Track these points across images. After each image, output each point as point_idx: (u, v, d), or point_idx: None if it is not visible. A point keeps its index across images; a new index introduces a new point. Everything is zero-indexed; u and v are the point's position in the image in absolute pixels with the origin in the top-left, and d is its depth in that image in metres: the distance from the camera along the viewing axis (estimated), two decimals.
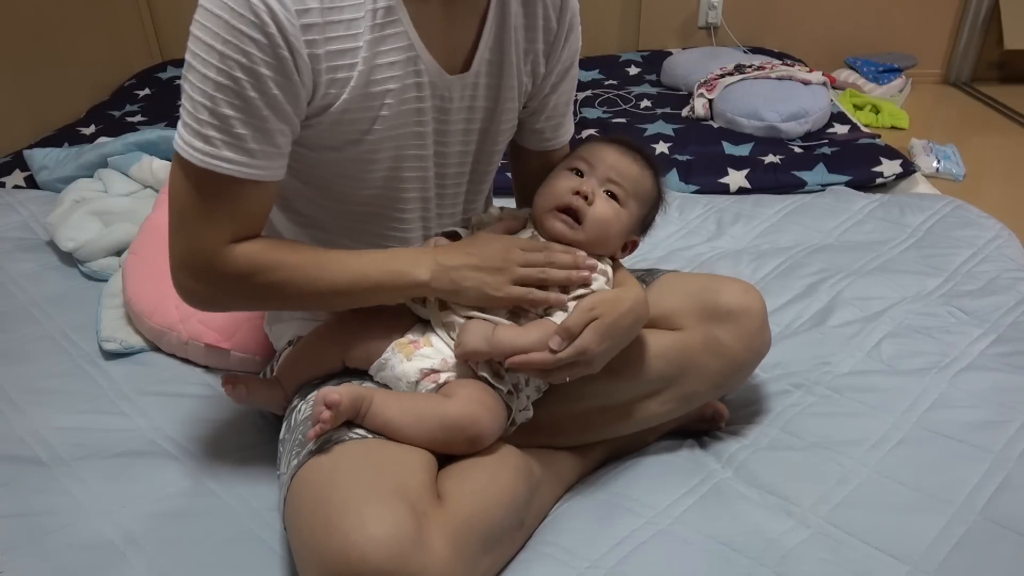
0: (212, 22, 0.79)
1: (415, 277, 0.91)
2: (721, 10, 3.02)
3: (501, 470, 0.92)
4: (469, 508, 0.85)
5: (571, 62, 1.06)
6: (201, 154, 0.83)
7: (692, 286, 1.06)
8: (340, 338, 0.99)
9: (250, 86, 0.80)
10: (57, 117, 2.40)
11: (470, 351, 0.91)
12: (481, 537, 0.84)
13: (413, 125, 0.92)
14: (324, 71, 0.83)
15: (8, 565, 0.93)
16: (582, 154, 1.02)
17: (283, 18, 0.78)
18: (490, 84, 0.97)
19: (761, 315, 1.04)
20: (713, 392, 1.07)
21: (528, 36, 0.99)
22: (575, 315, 0.91)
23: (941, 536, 0.94)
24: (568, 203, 0.97)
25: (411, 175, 0.96)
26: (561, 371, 0.91)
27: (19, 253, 1.63)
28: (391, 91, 0.88)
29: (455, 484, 0.88)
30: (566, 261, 0.95)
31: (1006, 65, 3.17)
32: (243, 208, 0.87)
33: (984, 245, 1.61)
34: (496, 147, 1.04)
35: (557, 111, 1.08)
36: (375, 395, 0.90)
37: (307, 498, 0.82)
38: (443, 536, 0.79)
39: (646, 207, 1.04)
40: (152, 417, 1.19)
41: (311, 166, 0.93)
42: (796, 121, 2.23)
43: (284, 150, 0.87)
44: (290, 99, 0.83)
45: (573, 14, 1.02)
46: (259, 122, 0.82)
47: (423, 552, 0.76)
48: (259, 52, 0.79)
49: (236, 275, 0.88)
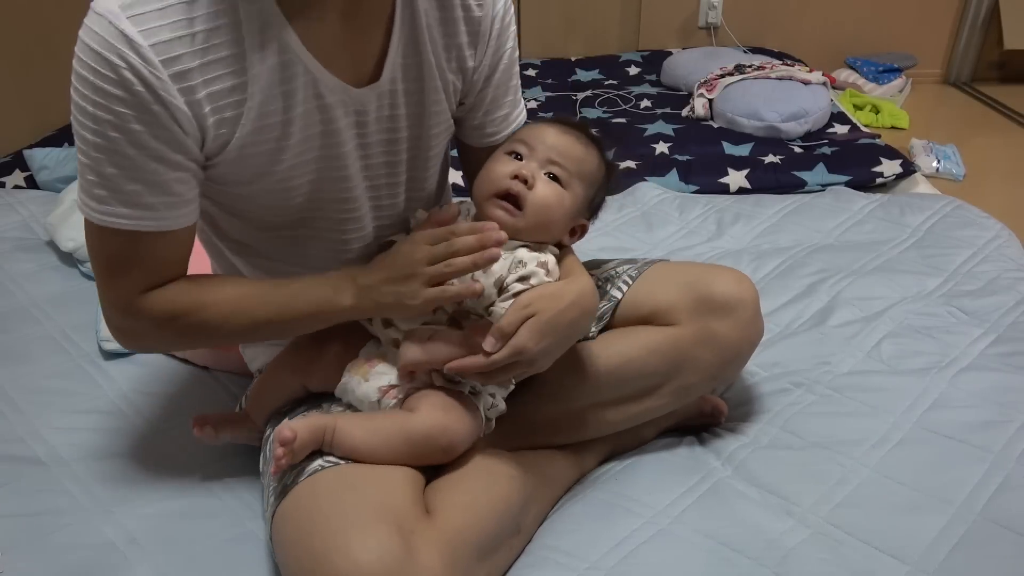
0: (81, 83, 0.77)
1: (338, 304, 0.89)
2: (721, 10, 3.02)
3: (493, 479, 0.91)
4: (460, 519, 0.84)
5: (504, 50, 0.98)
6: (99, 213, 0.81)
7: (684, 278, 1.04)
8: (297, 365, 0.98)
9: (127, 143, 0.77)
10: (57, 117, 2.39)
11: (408, 362, 0.89)
12: (475, 547, 0.84)
13: (324, 148, 0.88)
14: (208, 114, 0.79)
15: (8, 565, 0.93)
16: (521, 136, 0.97)
17: (146, 73, 0.75)
18: (410, 89, 0.92)
19: (754, 304, 1.03)
20: (709, 384, 1.06)
21: (446, 31, 0.92)
22: (509, 313, 0.86)
23: (941, 536, 0.94)
24: (507, 188, 0.91)
25: (340, 195, 0.92)
26: (502, 372, 0.87)
27: (19, 253, 1.63)
28: (291, 119, 0.84)
29: (445, 496, 0.87)
30: (469, 244, 0.86)
31: (1006, 65, 3.17)
32: (153, 258, 0.85)
33: (984, 245, 1.61)
34: (430, 152, 0.98)
35: (496, 104, 1.01)
36: (337, 422, 0.87)
37: (290, 534, 0.82)
38: (434, 550, 0.78)
39: (592, 188, 0.98)
40: (152, 417, 1.19)
41: (230, 199, 0.90)
42: (796, 121, 2.23)
43: (187, 196, 0.84)
44: (175, 148, 0.80)
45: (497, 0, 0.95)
46: (148, 175, 0.80)
47: (413, 569, 0.75)
48: (128, 110, 0.76)
49: (157, 320, 0.87)
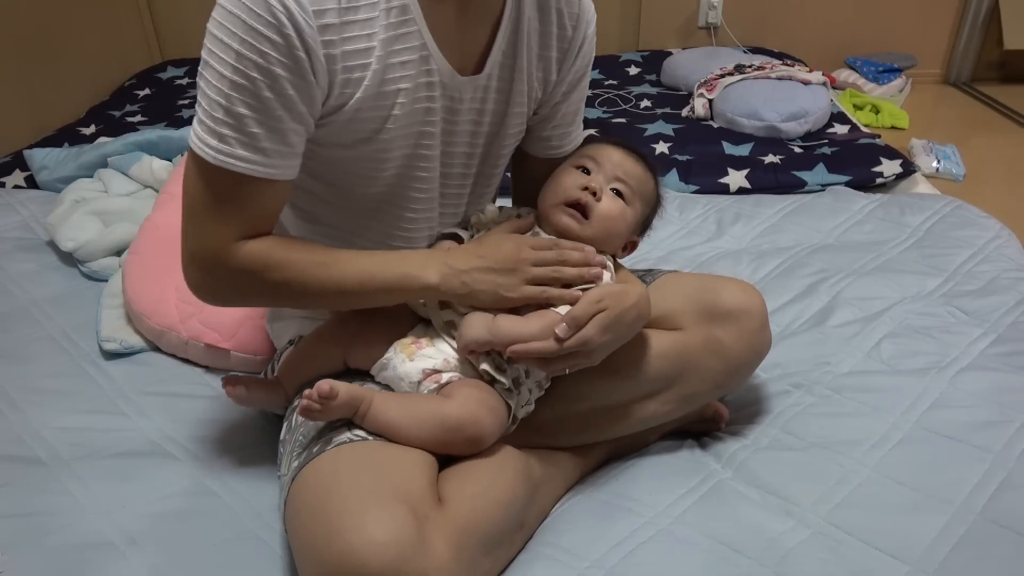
0: (229, 21, 0.79)
1: (424, 280, 0.91)
2: (721, 10, 3.02)
3: (501, 472, 0.92)
4: (469, 510, 0.85)
5: (584, 71, 1.05)
6: (214, 151, 0.83)
7: (692, 286, 1.06)
8: (342, 338, 0.99)
9: (266, 86, 0.80)
10: (57, 117, 2.40)
11: (471, 340, 0.91)
12: (482, 539, 0.84)
13: (423, 125, 0.92)
14: (340, 71, 0.83)
15: (8, 565, 0.93)
16: (588, 152, 1.03)
17: (300, 19, 0.78)
18: (501, 88, 0.97)
19: (761, 315, 1.04)
20: (714, 392, 1.07)
21: (542, 43, 0.99)
22: (582, 305, 0.90)
23: (941, 536, 0.94)
24: (577, 198, 0.98)
25: (419, 174, 0.96)
26: (562, 361, 0.91)
27: (19, 253, 1.63)
28: (403, 90, 0.88)
29: (455, 486, 0.88)
30: (577, 259, 0.95)
31: (1006, 65, 3.17)
32: (254, 206, 0.87)
33: (984, 245, 1.61)
34: (503, 151, 1.04)
35: (566, 120, 1.07)
36: (375, 396, 0.90)
37: (307, 501, 0.82)
38: (444, 538, 0.79)
39: (648, 208, 1.05)
40: (152, 417, 1.19)
41: (323, 163, 0.93)
42: (796, 121, 2.23)
43: (298, 149, 0.87)
44: (305, 100, 0.83)
45: (589, 23, 1.02)
46: (273, 122, 0.82)
47: (424, 555, 0.76)
48: (275, 53, 0.79)
49: (244, 271, 0.89)
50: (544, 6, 0.97)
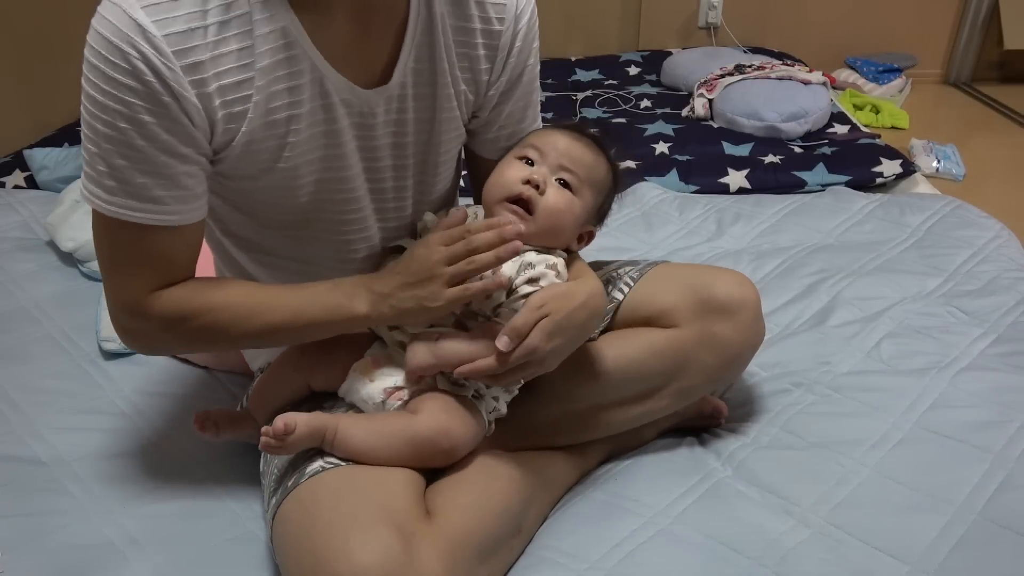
0: (91, 72, 0.76)
1: (353, 311, 0.87)
2: (721, 10, 3.01)
3: (493, 480, 0.91)
4: (461, 521, 0.84)
5: (523, 67, 0.97)
6: (106, 203, 0.80)
7: (685, 279, 1.04)
8: (302, 364, 0.97)
9: (138, 135, 0.77)
10: (57, 117, 2.40)
11: (416, 366, 0.88)
12: (476, 549, 0.84)
13: (327, 148, 0.87)
14: (218, 108, 0.79)
15: (8, 565, 0.93)
16: (532, 141, 0.96)
17: (159, 63, 0.75)
18: (420, 95, 0.91)
19: (756, 306, 1.03)
20: (710, 385, 1.07)
21: (463, 40, 0.91)
22: (522, 313, 0.85)
23: (941, 536, 0.94)
24: (518, 193, 0.91)
25: (341, 196, 0.92)
26: (512, 373, 0.87)
27: (19, 253, 1.63)
28: (296, 116, 0.83)
29: (446, 498, 0.87)
30: (488, 239, 0.85)
31: (1006, 65, 3.17)
32: (161, 254, 0.84)
33: (984, 245, 1.61)
34: (440, 158, 0.97)
35: (512, 119, 1.00)
36: (339, 422, 0.87)
37: (291, 534, 0.82)
38: (435, 553, 0.78)
39: (601, 195, 0.98)
40: (152, 417, 1.19)
41: (235, 194, 0.90)
42: (796, 121, 2.23)
43: (196, 191, 0.83)
44: (185, 141, 0.79)
45: (522, 14, 0.94)
46: (159, 168, 0.79)
47: (414, 572, 0.75)
48: (139, 100, 0.76)
49: (166, 321, 0.86)
50: (461, 1, 0.90)
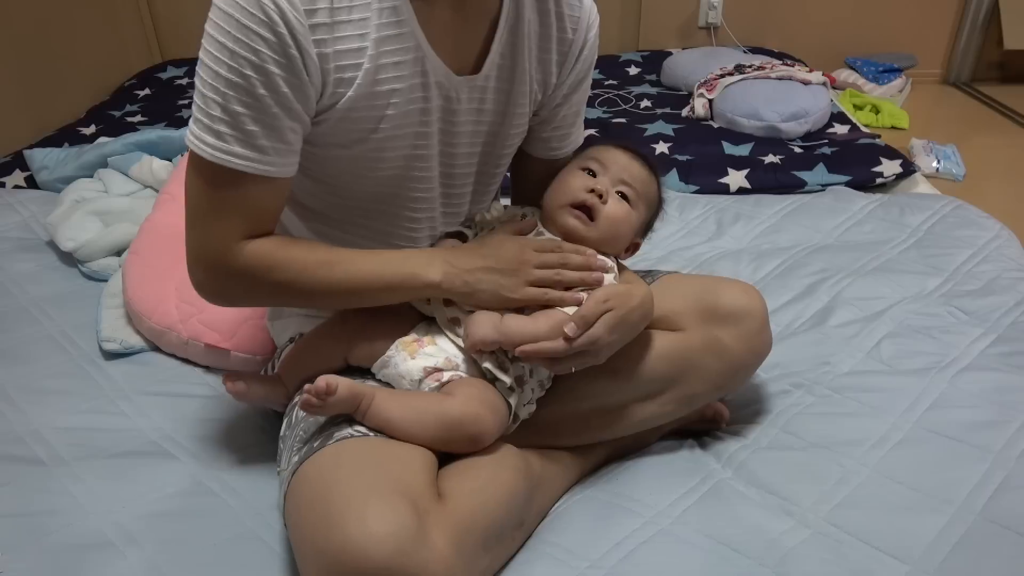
0: (224, 20, 0.80)
1: (427, 279, 0.92)
2: (721, 10, 3.02)
3: (501, 469, 0.92)
4: (469, 506, 0.85)
5: (584, 75, 1.05)
6: (212, 149, 0.84)
7: (692, 287, 1.07)
8: (343, 335, 0.99)
9: (260, 84, 0.81)
10: (57, 117, 2.40)
11: (479, 339, 0.92)
12: (482, 535, 0.85)
13: (419, 125, 0.92)
14: (332, 70, 0.84)
15: (8, 565, 0.93)
16: (594, 155, 1.04)
17: (292, 17, 0.80)
18: (500, 88, 0.97)
19: (762, 316, 1.04)
20: (714, 393, 1.07)
21: (541, 45, 0.99)
22: (589, 305, 0.92)
23: (941, 536, 0.94)
24: (583, 200, 0.99)
25: (418, 174, 0.96)
26: (569, 361, 0.92)
27: (19, 253, 1.63)
28: (397, 91, 0.88)
29: (456, 483, 0.88)
30: (579, 262, 0.96)
31: (1006, 65, 3.17)
32: (255, 204, 0.88)
33: (984, 245, 1.61)
34: (505, 151, 1.04)
35: (566, 122, 1.08)
36: (376, 393, 0.90)
37: (308, 495, 0.82)
38: (444, 534, 0.79)
39: (650, 211, 1.07)
40: (152, 417, 1.19)
41: (319, 162, 0.93)
42: (796, 121, 2.23)
43: (295, 147, 0.88)
44: (299, 97, 0.84)
45: (591, 27, 1.02)
46: (270, 119, 0.83)
47: (424, 549, 0.76)
48: (269, 51, 0.80)
49: (248, 272, 0.89)
50: (544, 9, 0.97)
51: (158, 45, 2.98)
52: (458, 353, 0.95)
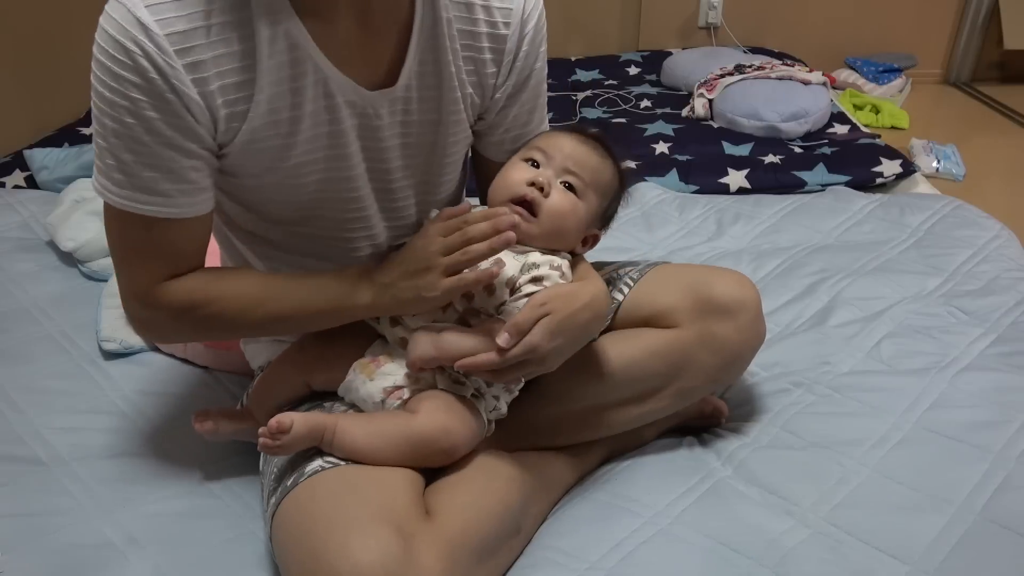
0: (99, 69, 0.78)
1: (356, 302, 0.89)
2: (721, 10, 3.02)
3: (493, 480, 0.91)
4: (460, 521, 0.84)
5: (530, 71, 0.97)
6: (115, 196, 0.82)
7: (685, 280, 1.04)
8: (302, 363, 0.98)
9: (143, 130, 0.79)
10: (57, 117, 2.40)
11: (417, 358, 0.88)
12: (475, 549, 0.84)
13: (332, 148, 0.88)
14: (220, 106, 0.80)
15: (8, 565, 0.93)
16: (538, 144, 0.97)
17: (161, 62, 0.76)
18: (425, 97, 0.91)
19: (756, 306, 1.02)
20: (710, 386, 1.06)
21: (468, 43, 0.92)
22: (524, 311, 0.86)
23: (941, 536, 0.94)
24: (522, 195, 0.92)
25: (347, 195, 0.92)
26: (512, 371, 0.87)
27: (19, 253, 1.63)
28: (298, 116, 0.84)
29: (445, 498, 0.87)
30: (483, 230, 0.86)
31: (1006, 65, 3.17)
32: (171, 246, 0.86)
33: (984, 245, 1.61)
34: (446, 159, 0.98)
35: (518, 122, 1.01)
36: (338, 422, 0.87)
37: (290, 534, 0.82)
38: (434, 552, 0.78)
39: (606, 199, 0.99)
40: (152, 417, 1.19)
41: (239, 190, 0.91)
42: (796, 121, 2.23)
43: (202, 184, 0.85)
44: (189, 137, 0.81)
45: (529, 18, 0.94)
46: (164, 163, 0.81)
47: (413, 572, 0.75)
48: (143, 96, 0.77)
49: (176, 310, 0.88)
50: (467, 3, 0.90)
51: None
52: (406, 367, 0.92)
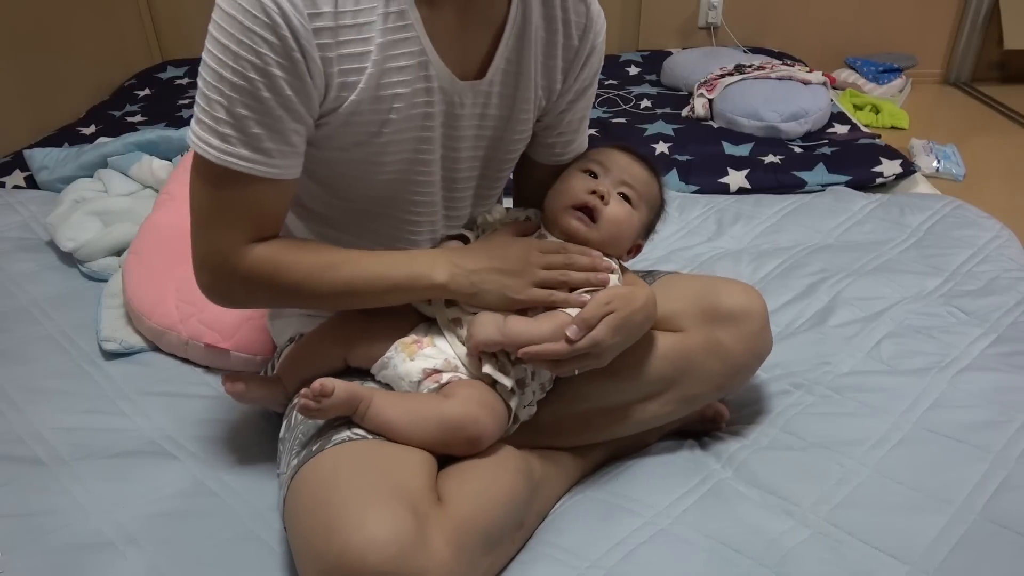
0: (227, 22, 0.80)
1: (433, 279, 0.92)
2: (721, 10, 3.02)
3: (501, 471, 0.92)
4: (469, 509, 0.85)
5: (590, 81, 1.05)
6: (217, 151, 0.83)
7: (693, 288, 1.06)
8: (342, 336, 0.99)
9: (264, 87, 0.81)
10: (57, 117, 2.40)
11: (482, 340, 0.91)
12: (482, 538, 0.84)
13: (421, 130, 0.92)
14: (336, 74, 0.84)
15: (8, 565, 0.93)
16: (595, 157, 1.04)
17: (295, 21, 0.79)
18: (504, 93, 0.97)
19: (762, 317, 1.04)
20: (714, 394, 1.07)
21: (547, 51, 0.98)
22: (592, 307, 0.92)
23: (941, 536, 0.94)
24: (585, 202, 0.99)
25: (419, 178, 0.96)
26: (572, 363, 0.92)
27: (19, 253, 1.63)
28: (400, 95, 0.88)
29: (455, 485, 0.88)
30: (584, 263, 0.96)
31: (1006, 65, 3.17)
32: (260, 207, 0.88)
33: (984, 245, 1.61)
34: (508, 155, 1.04)
35: (570, 127, 1.07)
36: (374, 395, 0.90)
37: (307, 498, 0.82)
38: (443, 537, 0.79)
39: (653, 212, 1.07)
40: (152, 417, 1.19)
41: (320, 164, 0.93)
42: (796, 121, 2.23)
43: (299, 149, 0.87)
44: (303, 100, 0.83)
45: (598, 34, 1.02)
46: (273, 122, 0.83)
47: (423, 553, 0.76)
48: (272, 54, 0.80)
49: (255, 275, 0.89)
50: (551, 15, 0.97)
51: (158, 45, 2.97)
52: (457, 355, 0.95)
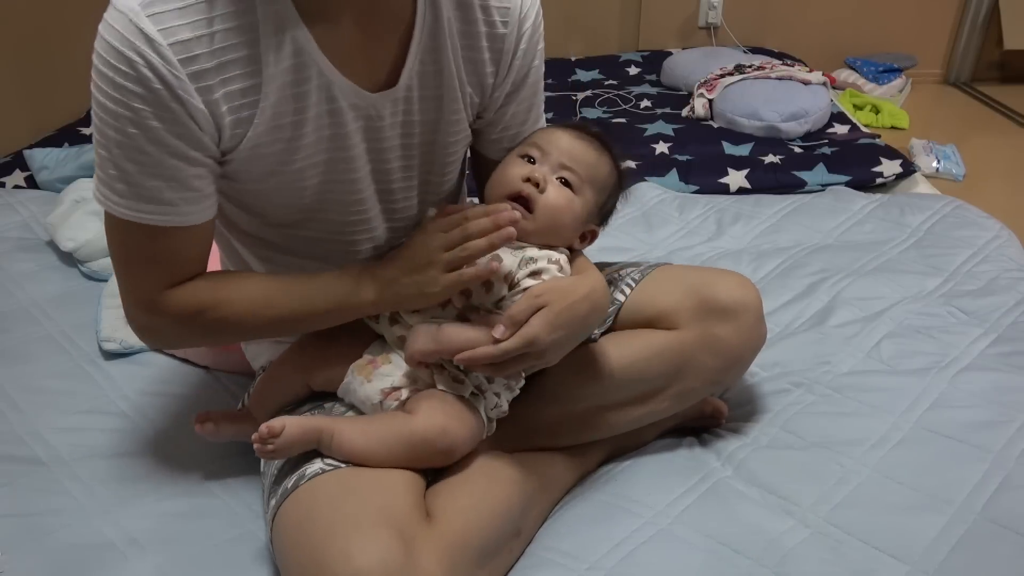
0: (101, 79, 0.77)
1: (360, 298, 0.90)
2: (721, 10, 3.01)
3: (494, 482, 0.91)
4: (461, 524, 0.84)
5: (527, 69, 0.97)
6: (117, 205, 0.82)
7: (687, 281, 1.04)
8: (301, 364, 0.98)
9: (146, 140, 0.78)
10: (57, 117, 2.40)
11: (417, 351, 0.88)
12: (476, 552, 0.84)
13: (337, 150, 0.88)
14: (225, 113, 0.80)
15: (8, 565, 0.93)
16: (534, 140, 0.97)
17: (166, 72, 0.76)
18: (426, 96, 0.91)
19: (757, 309, 1.03)
20: (711, 388, 1.07)
21: (468, 44, 0.92)
22: (519, 302, 0.86)
23: (941, 536, 0.94)
24: (518, 190, 0.92)
25: (349, 196, 0.92)
26: (512, 364, 0.87)
27: (19, 253, 1.63)
28: (303, 120, 0.84)
29: (446, 500, 0.87)
30: (483, 226, 0.86)
31: (1006, 65, 3.17)
32: (174, 254, 0.86)
33: (984, 245, 1.61)
34: (447, 159, 0.98)
35: (516, 120, 1.01)
36: (335, 425, 0.87)
37: (291, 538, 0.82)
38: (434, 555, 0.78)
39: (603, 194, 0.99)
40: (152, 417, 1.19)
41: (243, 195, 0.91)
42: (796, 121, 2.23)
43: (206, 191, 0.84)
44: (193, 145, 0.80)
45: (526, 19, 0.94)
46: (168, 171, 0.80)
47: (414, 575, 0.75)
48: (147, 107, 0.77)
49: (180, 316, 0.88)
50: (466, 3, 0.90)
51: None
52: (414, 368, 0.92)
